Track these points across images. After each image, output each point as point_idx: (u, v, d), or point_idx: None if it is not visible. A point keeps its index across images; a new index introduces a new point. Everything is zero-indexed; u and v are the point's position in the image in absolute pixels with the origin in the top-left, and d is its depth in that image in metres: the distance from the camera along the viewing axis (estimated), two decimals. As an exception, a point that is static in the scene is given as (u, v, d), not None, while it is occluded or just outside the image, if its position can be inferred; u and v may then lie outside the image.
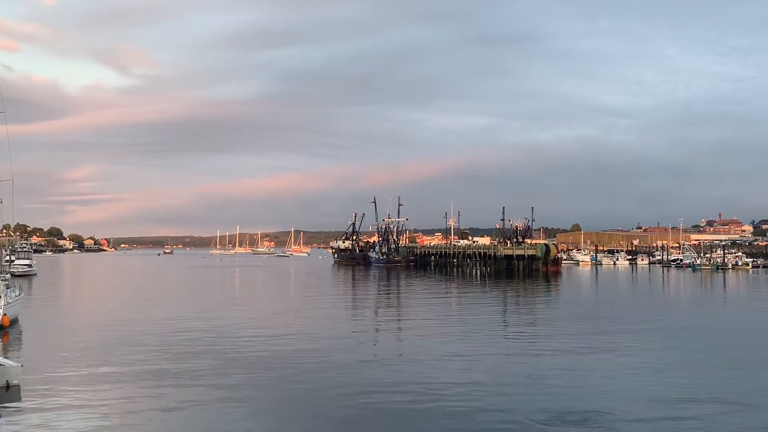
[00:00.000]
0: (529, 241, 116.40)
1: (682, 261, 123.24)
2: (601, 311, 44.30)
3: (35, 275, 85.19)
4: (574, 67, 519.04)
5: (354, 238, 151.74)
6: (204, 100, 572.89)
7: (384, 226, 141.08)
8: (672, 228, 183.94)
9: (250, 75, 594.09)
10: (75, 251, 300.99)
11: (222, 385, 19.77)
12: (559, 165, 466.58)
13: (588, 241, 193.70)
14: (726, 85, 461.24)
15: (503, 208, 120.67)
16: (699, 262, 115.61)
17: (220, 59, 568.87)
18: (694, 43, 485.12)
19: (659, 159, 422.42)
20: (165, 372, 21.76)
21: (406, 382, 20.48)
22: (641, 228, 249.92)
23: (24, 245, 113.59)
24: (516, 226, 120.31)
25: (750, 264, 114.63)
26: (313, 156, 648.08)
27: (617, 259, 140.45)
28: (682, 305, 51.35)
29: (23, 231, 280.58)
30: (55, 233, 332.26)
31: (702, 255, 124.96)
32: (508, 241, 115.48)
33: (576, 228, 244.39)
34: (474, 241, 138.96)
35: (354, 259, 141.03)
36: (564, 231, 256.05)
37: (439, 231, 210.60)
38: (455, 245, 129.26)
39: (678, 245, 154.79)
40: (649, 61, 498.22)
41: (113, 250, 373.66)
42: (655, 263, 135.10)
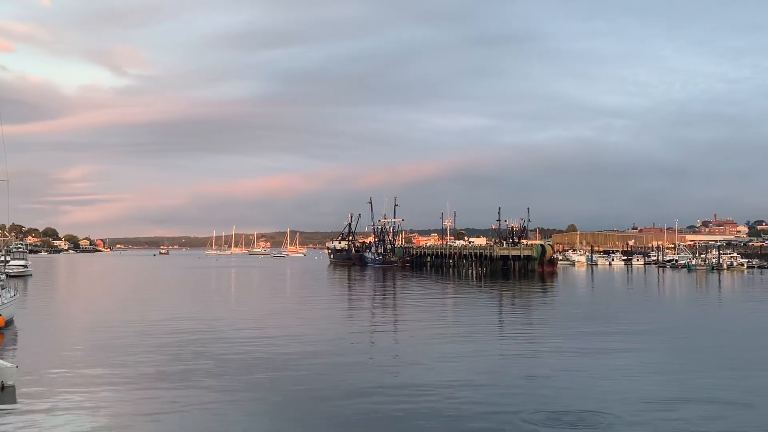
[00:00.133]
0: (525, 242, 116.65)
1: (677, 261, 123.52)
2: (597, 312, 44.41)
3: (30, 276, 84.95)
4: (570, 68, 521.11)
5: (350, 238, 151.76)
6: (200, 100, 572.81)
7: (380, 226, 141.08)
8: (667, 228, 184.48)
9: (246, 75, 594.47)
10: (70, 252, 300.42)
11: (217, 387, 19.74)
12: (556, 165, 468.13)
13: (584, 242, 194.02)
14: (721, 86, 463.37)
15: (499, 208, 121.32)
16: (694, 262, 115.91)
17: (216, 59, 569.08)
18: (689, 44, 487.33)
19: (655, 159, 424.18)
20: (161, 373, 21.71)
21: (402, 383, 20.49)
22: (637, 228, 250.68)
23: (19, 246, 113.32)
24: (512, 226, 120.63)
25: (745, 264, 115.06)
26: (310, 156, 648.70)
27: (613, 260, 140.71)
28: (677, 306, 51.46)
29: (18, 231, 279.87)
30: (51, 234, 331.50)
31: (697, 255, 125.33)
32: (504, 242, 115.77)
33: (572, 228, 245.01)
34: (470, 242, 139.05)
35: (350, 260, 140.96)
36: (560, 231, 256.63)
37: (435, 231, 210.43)
38: (451, 246, 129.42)
39: (673, 246, 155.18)
40: (645, 62, 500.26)
41: (109, 250, 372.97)
42: (651, 264, 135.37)
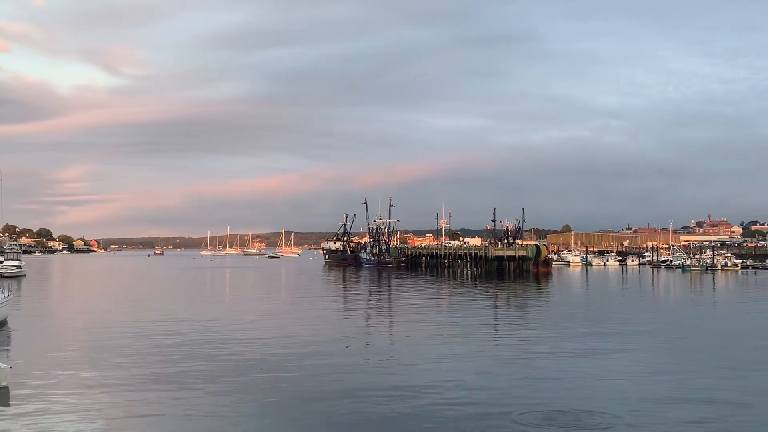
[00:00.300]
0: (520, 242, 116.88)
1: (671, 262, 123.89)
2: (592, 312, 44.47)
3: (24, 276, 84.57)
4: (567, 69, 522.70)
5: (345, 239, 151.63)
6: (195, 100, 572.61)
7: (375, 227, 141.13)
8: (662, 229, 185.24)
9: (242, 75, 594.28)
10: (64, 252, 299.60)
11: (212, 389, 19.66)
12: (552, 166, 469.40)
13: (578, 242, 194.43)
14: (717, 87, 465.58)
15: (494, 209, 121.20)
16: (688, 263, 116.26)
17: (211, 59, 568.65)
18: (685, 45, 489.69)
19: (651, 160, 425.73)
20: (155, 375, 21.62)
21: (397, 385, 20.45)
22: (631, 229, 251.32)
23: (13, 246, 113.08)
24: (507, 227, 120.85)
25: (739, 265, 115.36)
26: (305, 157, 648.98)
27: (607, 260, 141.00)
28: (672, 306, 51.56)
29: (12, 232, 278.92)
30: (45, 234, 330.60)
31: (691, 256, 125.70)
32: (499, 242, 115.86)
33: (567, 229, 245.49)
34: (465, 242, 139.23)
35: (345, 260, 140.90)
36: (555, 232, 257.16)
37: (431, 232, 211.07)
38: (446, 246, 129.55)
39: (668, 246, 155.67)
40: (642, 63, 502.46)
41: (103, 251, 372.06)
42: (645, 264, 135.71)
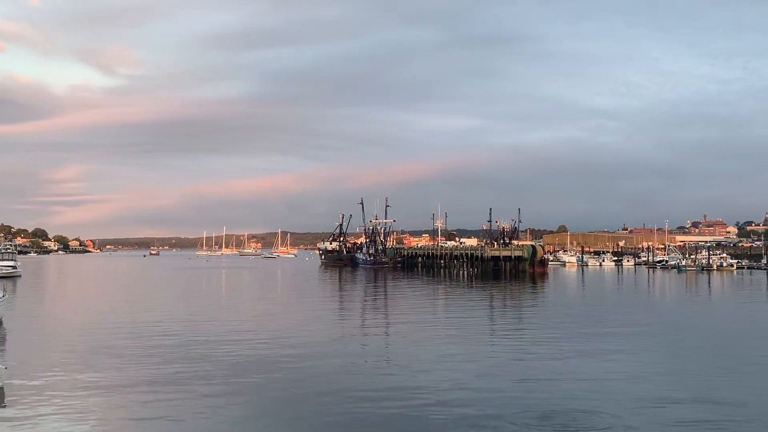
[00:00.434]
0: (516, 243, 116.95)
1: (667, 262, 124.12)
2: (588, 312, 44.53)
3: (20, 277, 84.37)
4: (561, 69, 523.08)
5: (341, 239, 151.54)
6: (191, 100, 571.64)
7: (371, 227, 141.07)
8: (657, 229, 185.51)
9: (238, 75, 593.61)
10: (60, 252, 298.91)
11: (207, 391, 19.61)
12: (547, 166, 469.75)
13: (574, 243, 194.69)
14: (712, 87, 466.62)
15: (490, 209, 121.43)
16: (684, 263, 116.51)
17: (208, 59, 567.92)
18: (680, 45, 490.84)
19: (646, 160, 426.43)
20: (151, 376, 21.59)
21: (394, 386, 20.44)
22: (627, 229, 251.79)
23: (8, 246, 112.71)
24: (503, 227, 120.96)
25: (734, 265, 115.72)
26: (301, 157, 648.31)
27: (603, 261, 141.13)
28: (668, 306, 51.66)
29: (8, 232, 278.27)
30: (40, 234, 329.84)
31: (687, 256, 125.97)
32: (495, 243, 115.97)
33: (562, 229, 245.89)
34: (461, 243, 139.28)
35: (341, 261, 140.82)
36: (550, 232, 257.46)
37: (427, 232, 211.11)
38: (442, 246, 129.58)
39: (663, 246, 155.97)
40: (637, 63, 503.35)
41: (99, 251, 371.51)
42: (641, 264, 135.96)
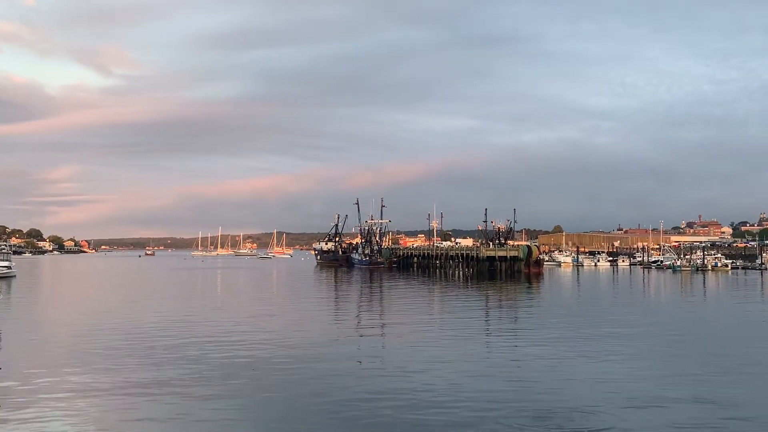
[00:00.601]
0: (512, 243, 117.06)
1: (662, 262, 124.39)
2: (583, 313, 44.61)
3: (14, 277, 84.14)
4: (558, 70, 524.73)
5: (337, 239, 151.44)
6: (187, 100, 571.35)
7: (367, 227, 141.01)
8: (652, 229, 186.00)
9: (234, 75, 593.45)
10: (55, 253, 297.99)
11: (202, 392, 19.61)
12: (543, 167, 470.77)
13: (569, 243, 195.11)
14: (708, 88, 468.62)
15: (486, 209, 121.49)
16: (679, 263, 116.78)
17: (203, 60, 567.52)
18: (677, 46, 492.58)
19: (642, 161, 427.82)
20: (145, 378, 21.55)
21: (389, 387, 20.46)
22: (622, 229, 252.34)
23: (3, 247, 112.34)
24: (498, 227, 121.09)
25: (729, 265, 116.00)
26: (297, 157, 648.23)
27: (598, 261, 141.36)
28: (663, 306, 51.77)
29: (2, 232, 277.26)
30: (35, 235, 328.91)
31: (682, 256, 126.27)
32: (490, 243, 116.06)
33: (558, 229, 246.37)
34: (457, 243, 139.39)
35: (337, 261, 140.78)
36: (546, 232, 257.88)
37: (422, 232, 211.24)
38: (438, 247, 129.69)
39: (658, 247, 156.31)
40: (633, 64, 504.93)
41: (94, 251, 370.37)
42: (636, 264, 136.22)
